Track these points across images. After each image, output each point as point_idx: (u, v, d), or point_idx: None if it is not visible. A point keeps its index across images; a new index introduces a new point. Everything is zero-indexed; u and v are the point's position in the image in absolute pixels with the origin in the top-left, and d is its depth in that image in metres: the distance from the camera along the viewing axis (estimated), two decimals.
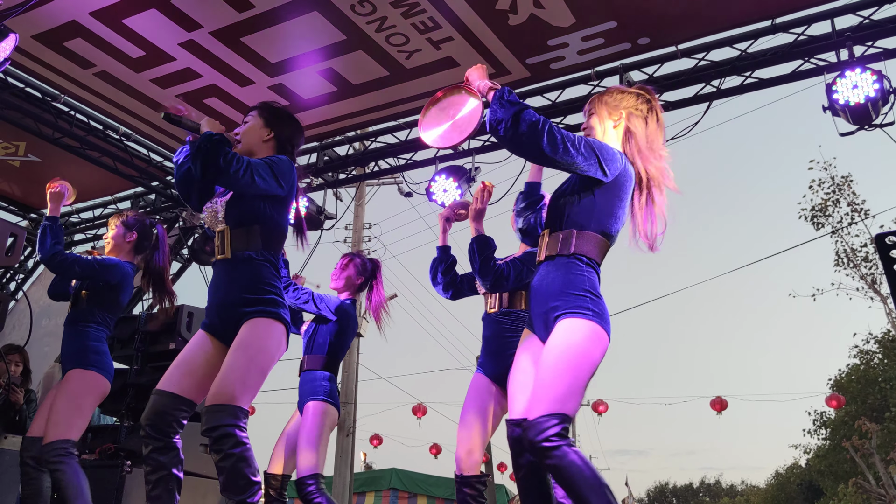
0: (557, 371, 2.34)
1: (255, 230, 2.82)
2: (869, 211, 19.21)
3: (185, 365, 2.81)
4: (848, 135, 5.10)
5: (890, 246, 2.49)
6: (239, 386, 2.62)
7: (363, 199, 15.20)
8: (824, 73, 5.21)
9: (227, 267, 2.83)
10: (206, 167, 2.62)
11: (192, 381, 2.78)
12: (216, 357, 2.80)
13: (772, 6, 5.06)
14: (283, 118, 3.08)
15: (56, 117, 6.50)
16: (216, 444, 2.57)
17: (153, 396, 2.75)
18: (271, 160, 2.81)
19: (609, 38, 5.29)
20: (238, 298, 2.76)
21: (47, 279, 8.76)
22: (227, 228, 2.84)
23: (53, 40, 5.55)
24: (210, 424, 2.58)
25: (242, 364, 2.66)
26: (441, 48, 5.42)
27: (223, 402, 2.60)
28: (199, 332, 2.89)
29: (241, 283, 2.78)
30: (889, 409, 20.08)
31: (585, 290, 2.48)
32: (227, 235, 2.83)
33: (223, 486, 2.57)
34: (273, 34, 5.34)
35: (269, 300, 2.78)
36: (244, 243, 2.81)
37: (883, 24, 5.04)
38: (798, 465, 33.08)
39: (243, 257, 2.80)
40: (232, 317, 2.77)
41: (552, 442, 2.24)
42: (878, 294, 18.89)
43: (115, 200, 8.39)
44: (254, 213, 2.83)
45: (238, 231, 2.82)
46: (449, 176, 6.25)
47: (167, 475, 2.70)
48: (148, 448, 2.71)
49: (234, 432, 2.57)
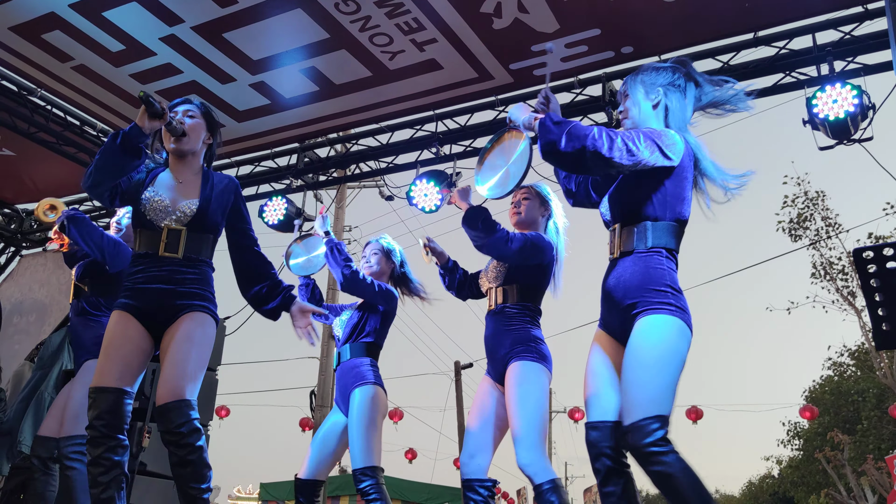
0: (650, 370, 2.27)
1: (208, 237, 2.96)
2: (842, 225, 19.45)
3: (117, 353, 2.76)
4: (827, 149, 5.13)
5: (867, 261, 2.49)
6: (191, 379, 2.67)
7: (344, 201, 15.14)
8: (805, 87, 5.25)
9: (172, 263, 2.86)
10: None
11: (128, 369, 2.75)
12: (144, 340, 2.81)
13: (754, 19, 5.08)
14: (218, 127, 3.20)
15: (32, 111, 6.40)
16: (185, 439, 2.56)
17: (98, 395, 2.68)
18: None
19: (593, 46, 5.29)
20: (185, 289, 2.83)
21: (19, 276, 8.65)
22: (184, 229, 2.88)
23: (31, 32, 5.46)
24: (178, 421, 2.57)
25: (186, 352, 2.69)
26: (425, 50, 5.39)
27: (183, 397, 2.61)
28: (118, 315, 2.82)
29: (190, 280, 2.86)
30: (861, 421, 20.29)
31: (666, 286, 2.40)
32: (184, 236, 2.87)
33: (189, 479, 2.56)
34: (256, 31, 5.29)
35: (212, 300, 2.90)
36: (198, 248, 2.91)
37: (863, 40, 5.09)
38: (771, 475, 33.33)
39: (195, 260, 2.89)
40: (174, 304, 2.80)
41: (660, 447, 2.18)
42: (852, 307, 19.09)
43: (90, 197, 8.28)
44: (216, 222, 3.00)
45: (195, 235, 2.90)
46: (430, 180, 6.22)
47: (120, 474, 2.67)
48: (99, 448, 2.64)
49: (199, 426, 2.62)
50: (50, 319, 8.01)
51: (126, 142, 2.77)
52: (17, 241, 8.80)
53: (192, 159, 3.05)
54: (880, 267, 2.58)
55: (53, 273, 8.40)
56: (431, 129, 6.49)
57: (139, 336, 2.79)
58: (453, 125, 6.43)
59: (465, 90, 5.91)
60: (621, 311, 2.45)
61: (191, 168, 3.04)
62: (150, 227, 2.89)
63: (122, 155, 2.78)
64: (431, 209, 6.22)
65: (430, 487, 18.80)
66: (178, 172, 3.02)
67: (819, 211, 19.42)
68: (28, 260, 8.81)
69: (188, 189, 2.96)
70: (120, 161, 2.80)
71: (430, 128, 6.50)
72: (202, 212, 2.90)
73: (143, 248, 2.87)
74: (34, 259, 8.76)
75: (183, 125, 2.98)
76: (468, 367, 20.58)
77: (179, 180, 2.99)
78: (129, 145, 2.78)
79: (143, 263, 2.86)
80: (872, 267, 2.60)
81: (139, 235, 2.91)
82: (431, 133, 6.49)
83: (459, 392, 19.44)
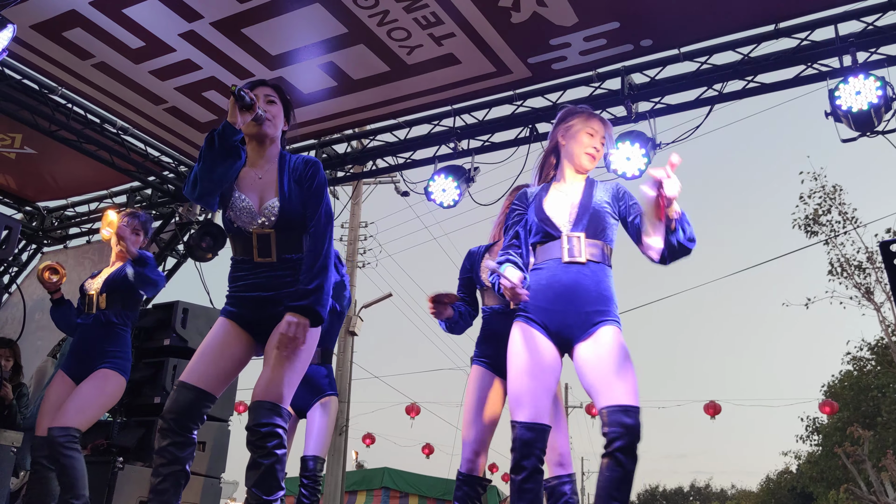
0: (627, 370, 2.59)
1: (298, 232, 2.81)
2: (859, 220, 19.27)
3: (211, 357, 2.74)
4: (850, 141, 5.08)
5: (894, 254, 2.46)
6: (287, 388, 2.62)
7: (360, 197, 15.16)
8: (827, 79, 5.19)
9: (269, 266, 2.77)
10: None
11: (216, 374, 2.71)
12: (241, 349, 2.77)
13: (775, 11, 5.03)
14: (293, 110, 3.06)
15: (53, 110, 6.45)
16: (262, 440, 2.54)
17: (178, 389, 2.68)
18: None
19: (612, 39, 5.26)
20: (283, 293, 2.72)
21: None
22: (272, 232, 2.77)
23: (52, 30, 5.50)
24: (260, 420, 2.55)
25: (291, 365, 2.64)
26: (443, 44, 5.38)
27: (275, 402, 2.58)
28: (222, 322, 2.79)
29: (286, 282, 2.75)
30: (881, 415, 20.12)
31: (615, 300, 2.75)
32: (273, 239, 2.77)
33: (254, 484, 2.53)
34: (274, 26, 5.30)
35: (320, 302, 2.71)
36: (288, 247, 2.78)
37: (886, 31, 5.02)
38: (789, 470, 33.12)
39: (291, 259, 2.77)
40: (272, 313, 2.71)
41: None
42: (871, 302, 18.91)
43: (111, 195, 8.35)
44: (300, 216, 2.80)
45: (283, 234, 2.78)
46: (448, 176, 6.21)
47: (180, 470, 2.65)
48: (165, 440, 2.65)
49: (280, 433, 2.57)
50: None
51: (223, 142, 2.65)
52: (38, 238, 8.88)
53: (271, 147, 2.90)
54: None
55: (74, 269, 8.47)
56: (449, 123, 6.48)
57: (236, 343, 2.76)
58: (471, 120, 6.41)
59: (483, 84, 5.89)
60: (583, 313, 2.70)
61: (269, 157, 2.89)
62: (240, 233, 2.81)
63: (225, 158, 2.67)
64: (450, 204, 6.21)
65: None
66: (257, 165, 2.89)
67: (836, 206, 19.26)
68: (49, 257, 8.90)
69: (269, 185, 2.83)
70: (222, 165, 2.68)
71: (448, 123, 6.48)
72: (284, 211, 2.77)
73: (240, 254, 2.82)
74: (55, 256, 8.84)
75: (267, 112, 2.86)
76: None
77: (260, 175, 2.86)
78: (227, 145, 2.65)
79: (242, 270, 2.80)
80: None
81: (232, 239, 2.85)
82: (449, 128, 6.48)
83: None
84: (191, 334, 5.97)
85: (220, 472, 5.77)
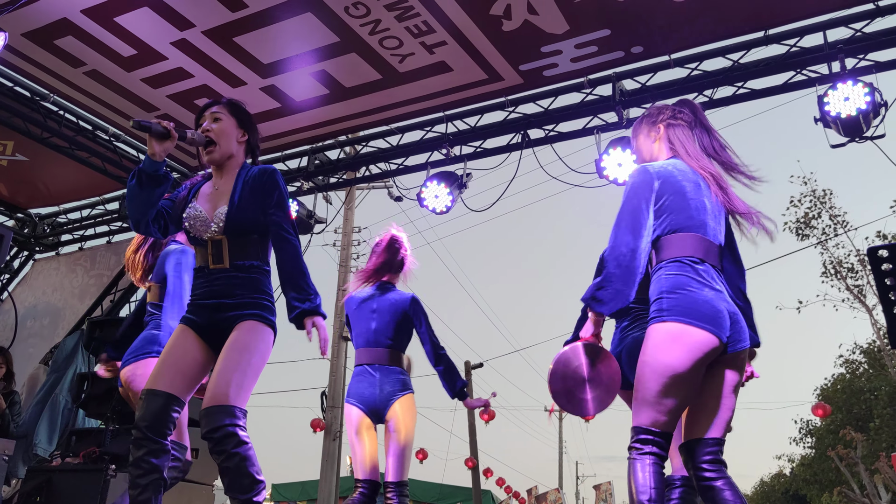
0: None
1: (253, 238, 2.83)
2: (850, 223, 19.38)
3: (175, 362, 2.76)
4: (839, 146, 5.12)
5: (882, 259, 2.48)
6: (236, 386, 2.61)
7: (353, 203, 15.17)
8: (816, 85, 5.23)
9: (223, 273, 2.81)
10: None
11: (183, 379, 2.74)
12: (201, 354, 2.80)
13: (764, 17, 5.07)
14: (251, 120, 3.07)
15: (45, 117, 6.44)
16: (219, 445, 2.54)
17: (147, 397, 2.69)
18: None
19: (602, 47, 5.29)
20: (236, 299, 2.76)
21: (33, 280, 8.71)
22: (224, 238, 2.81)
23: (44, 38, 5.50)
24: (211, 426, 2.55)
25: (241, 365, 2.64)
26: (435, 52, 5.40)
27: (222, 403, 2.57)
28: (180, 328, 2.84)
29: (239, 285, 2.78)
30: (874, 418, 20.19)
31: None
32: (225, 244, 2.81)
33: (228, 487, 2.54)
34: (266, 35, 5.31)
35: (266, 307, 2.79)
36: (242, 252, 2.81)
37: (875, 37, 5.06)
38: (783, 473, 33.19)
39: (242, 266, 2.80)
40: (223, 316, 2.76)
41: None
42: (863, 305, 18.99)
43: (104, 201, 8.34)
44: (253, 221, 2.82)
45: (238, 241, 2.81)
46: (440, 182, 6.23)
47: (158, 479, 2.65)
48: (141, 451, 2.65)
49: (235, 432, 2.55)
50: (63, 323, 8.07)
51: (141, 176, 2.74)
52: (30, 245, 8.86)
53: (231, 163, 2.95)
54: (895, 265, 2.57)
55: (66, 277, 8.46)
56: (442, 130, 6.50)
57: (196, 349, 2.79)
58: (463, 126, 6.44)
59: (475, 91, 5.91)
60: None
61: (228, 170, 2.94)
62: (197, 242, 2.88)
63: (142, 189, 2.75)
64: (442, 210, 6.23)
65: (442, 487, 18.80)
66: (218, 180, 2.95)
67: (826, 209, 19.37)
68: (41, 264, 8.88)
69: (223, 194, 2.89)
70: (144, 195, 2.76)
71: (441, 129, 6.50)
72: (232, 215, 2.82)
73: (199, 263, 2.88)
74: (47, 263, 8.82)
75: (207, 133, 2.91)
76: (478, 366, 20.58)
77: (216, 187, 2.92)
78: (144, 178, 2.74)
79: (199, 278, 2.86)
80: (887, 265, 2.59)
81: (195, 251, 2.91)
82: (442, 134, 6.50)
83: (470, 392, 19.43)
84: None
85: (213, 479, 5.77)
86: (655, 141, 2.85)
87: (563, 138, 6.20)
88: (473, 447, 18.90)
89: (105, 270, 8.18)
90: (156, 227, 2.89)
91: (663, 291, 2.47)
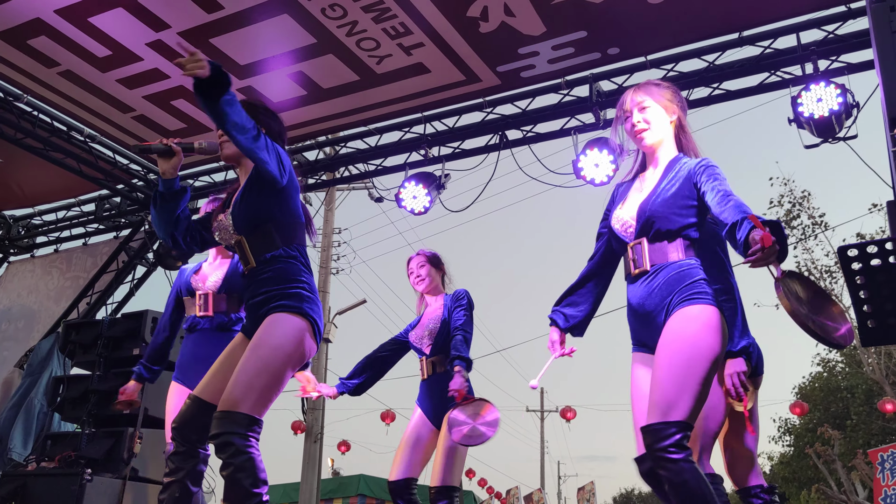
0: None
1: (268, 228, 2.73)
2: (828, 224, 19.58)
3: (217, 369, 2.75)
4: (812, 147, 5.17)
5: (852, 258, 2.51)
6: (243, 390, 2.52)
7: (333, 203, 15.13)
8: (790, 86, 5.29)
9: (254, 272, 2.74)
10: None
11: (222, 385, 2.66)
12: None
13: (739, 19, 5.12)
14: (268, 112, 2.97)
15: (18, 117, 6.37)
16: (218, 453, 2.51)
17: (186, 400, 2.72)
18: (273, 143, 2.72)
19: (579, 48, 5.32)
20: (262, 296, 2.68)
21: (7, 282, 8.61)
22: (242, 238, 2.76)
23: (17, 38, 5.44)
24: (214, 432, 2.51)
25: (251, 366, 2.55)
26: (412, 54, 5.40)
27: (227, 409, 2.51)
28: (238, 336, 2.82)
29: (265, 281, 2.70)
30: (851, 416, 20.42)
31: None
32: (245, 244, 2.75)
33: (224, 496, 2.51)
34: (242, 36, 5.28)
35: (292, 294, 2.66)
36: (263, 245, 2.73)
37: (847, 39, 5.13)
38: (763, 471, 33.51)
39: (266, 259, 2.72)
40: (257, 315, 2.69)
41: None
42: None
43: (80, 203, 8.26)
44: (262, 213, 2.74)
45: (254, 236, 2.74)
46: (418, 183, 6.23)
47: (177, 482, 2.65)
48: (173, 451, 2.69)
49: (232, 441, 2.46)
50: (39, 326, 7.98)
51: (156, 196, 2.80)
52: (4, 247, 8.75)
53: (246, 163, 2.85)
54: (865, 264, 2.60)
55: (42, 279, 8.37)
56: (420, 131, 6.50)
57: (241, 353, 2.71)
58: (442, 127, 6.44)
59: (452, 93, 5.93)
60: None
61: (245, 171, 2.87)
62: (230, 249, 2.88)
63: (159, 208, 2.81)
64: (421, 211, 6.23)
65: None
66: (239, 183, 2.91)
67: (805, 210, 19.57)
68: (16, 266, 8.77)
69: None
70: (163, 213, 2.81)
71: (419, 130, 6.50)
72: (237, 211, 2.76)
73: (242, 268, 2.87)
74: (22, 265, 8.72)
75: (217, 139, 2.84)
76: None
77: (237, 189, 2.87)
78: (158, 198, 2.80)
79: (243, 282, 2.85)
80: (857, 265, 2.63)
81: None
82: (420, 135, 6.50)
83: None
84: None
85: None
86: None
87: (540, 139, 6.22)
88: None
89: (81, 273, 8.10)
90: (190, 241, 2.92)
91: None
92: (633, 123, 2.72)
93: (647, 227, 2.52)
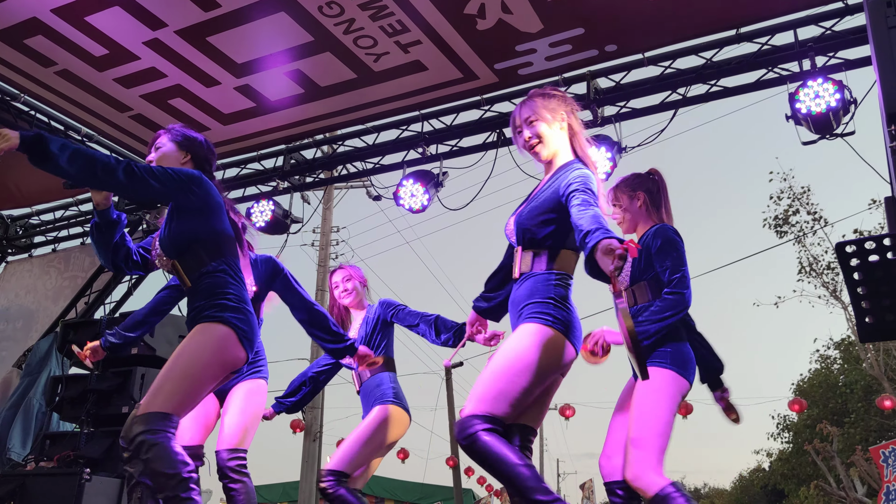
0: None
1: (195, 248, 2.85)
2: (827, 220, 19.59)
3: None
4: (810, 143, 5.18)
5: (850, 254, 2.50)
6: (154, 393, 2.62)
7: (331, 202, 15.12)
8: (787, 83, 5.29)
9: (189, 290, 2.87)
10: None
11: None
12: None
13: (736, 16, 5.12)
14: (197, 140, 3.10)
15: (15, 117, 6.36)
16: (134, 456, 2.56)
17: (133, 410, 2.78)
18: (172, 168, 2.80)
19: (577, 45, 5.31)
20: (194, 311, 2.81)
21: (5, 282, 8.60)
22: (174, 262, 2.88)
23: (13, 37, 5.42)
24: (124, 438, 2.59)
25: (166, 372, 2.67)
26: (409, 51, 5.40)
27: (138, 413, 2.60)
28: None
29: (196, 296, 2.83)
30: (849, 413, 20.44)
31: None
32: (179, 267, 2.87)
33: (155, 491, 2.55)
34: (240, 34, 5.27)
35: (216, 304, 2.76)
36: (194, 265, 2.84)
37: (844, 36, 5.13)
38: (762, 468, 33.52)
39: (198, 276, 2.83)
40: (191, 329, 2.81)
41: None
42: (838, 301, 19.22)
43: (77, 202, 8.26)
44: (186, 236, 2.84)
45: (184, 259, 2.86)
46: (416, 181, 6.23)
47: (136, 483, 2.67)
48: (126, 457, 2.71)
49: (145, 439, 2.54)
50: (37, 326, 7.98)
51: (93, 228, 2.94)
52: (2, 247, 8.74)
53: None
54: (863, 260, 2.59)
55: (40, 279, 8.36)
56: (417, 129, 6.50)
57: None
58: (439, 125, 6.44)
59: (450, 90, 5.92)
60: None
61: None
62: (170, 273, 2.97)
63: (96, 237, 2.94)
64: (419, 209, 6.23)
65: (423, 487, 18.78)
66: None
67: (804, 205, 19.58)
68: (14, 266, 8.76)
69: None
70: (101, 241, 2.94)
71: (417, 128, 6.50)
72: (164, 240, 2.89)
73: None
74: (20, 265, 8.71)
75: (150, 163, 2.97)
76: (458, 365, 20.57)
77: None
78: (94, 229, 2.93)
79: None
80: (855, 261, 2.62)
81: None
82: (417, 133, 6.49)
83: (450, 391, 19.44)
84: (159, 343, 5.91)
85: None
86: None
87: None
88: (455, 446, 18.92)
89: (79, 272, 8.09)
90: (132, 266, 3.05)
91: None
92: (525, 139, 2.74)
93: (520, 236, 2.63)
